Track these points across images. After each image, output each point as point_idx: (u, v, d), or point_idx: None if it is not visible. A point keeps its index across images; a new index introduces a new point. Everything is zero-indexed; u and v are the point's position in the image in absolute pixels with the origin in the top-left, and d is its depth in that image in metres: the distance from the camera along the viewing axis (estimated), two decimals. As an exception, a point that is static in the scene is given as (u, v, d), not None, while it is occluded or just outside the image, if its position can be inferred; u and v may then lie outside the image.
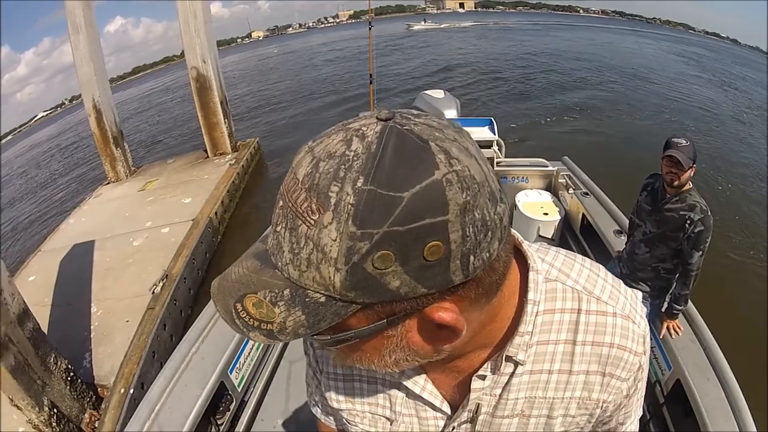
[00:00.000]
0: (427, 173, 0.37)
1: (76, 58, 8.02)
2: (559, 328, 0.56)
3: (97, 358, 4.16)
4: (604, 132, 11.01)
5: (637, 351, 0.56)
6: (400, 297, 0.39)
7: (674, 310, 2.29)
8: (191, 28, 8.30)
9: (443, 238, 0.37)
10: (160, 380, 2.08)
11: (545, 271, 0.57)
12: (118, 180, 9.00)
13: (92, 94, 8.31)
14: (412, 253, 0.37)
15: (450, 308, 0.43)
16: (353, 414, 0.68)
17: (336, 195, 0.36)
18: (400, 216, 0.36)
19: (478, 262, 0.40)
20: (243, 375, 2.48)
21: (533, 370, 0.56)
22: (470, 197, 0.38)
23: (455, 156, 0.38)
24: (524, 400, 0.58)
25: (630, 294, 0.60)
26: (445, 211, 0.37)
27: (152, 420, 1.93)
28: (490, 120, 4.93)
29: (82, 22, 7.73)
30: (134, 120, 21.95)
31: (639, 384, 0.60)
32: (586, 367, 0.56)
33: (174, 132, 16.93)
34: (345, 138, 0.40)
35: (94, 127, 8.55)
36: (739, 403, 1.86)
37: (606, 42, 34.47)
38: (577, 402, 0.58)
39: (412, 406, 0.63)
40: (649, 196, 2.39)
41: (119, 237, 6.34)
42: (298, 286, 0.40)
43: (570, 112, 12.70)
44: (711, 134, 11.05)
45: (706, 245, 2.15)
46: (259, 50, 61.62)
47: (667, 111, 12.95)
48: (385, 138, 0.38)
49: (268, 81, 25.98)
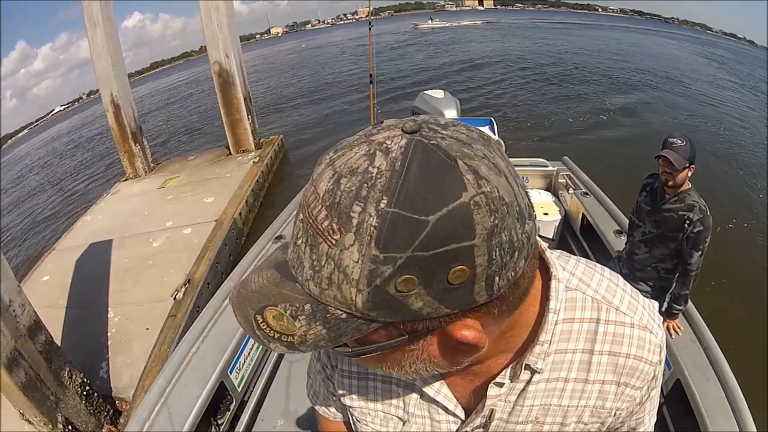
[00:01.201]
0: (454, 195, 0.35)
1: (93, 52, 7.86)
2: (578, 338, 0.56)
3: (115, 368, 3.92)
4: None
5: (652, 361, 0.57)
6: (423, 317, 0.39)
7: (674, 310, 2.29)
8: (213, 21, 8.01)
9: (469, 263, 0.36)
10: (160, 380, 2.09)
11: (566, 280, 0.56)
12: (136, 176, 8.80)
13: (110, 89, 8.13)
14: (437, 278, 0.36)
15: (472, 325, 0.42)
16: (365, 413, 0.67)
17: (358, 216, 0.35)
18: (425, 241, 0.35)
19: (503, 282, 0.39)
20: (243, 375, 2.48)
21: (550, 378, 0.56)
22: (498, 220, 0.37)
23: (484, 176, 0.37)
24: (539, 407, 0.58)
25: (648, 304, 0.60)
26: (471, 236, 0.35)
27: (152, 420, 1.93)
28: (490, 120, 4.87)
29: (99, 16, 7.57)
30: (154, 115, 22.03)
31: (653, 392, 0.60)
32: (603, 376, 0.56)
33: (193, 128, 16.85)
34: (368, 152, 0.38)
35: (112, 122, 8.37)
36: (739, 403, 1.86)
37: (633, 42, 34.16)
38: (591, 410, 0.58)
39: (425, 408, 0.62)
40: (648, 196, 2.39)
41: (138, 237, 6.07)
42: (319, 302, 0.39)
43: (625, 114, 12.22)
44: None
45: (706, 245, 2.15)
46: (288, 44, 62.18)
47: (715, 122, 12.32)
48: (410, 154, 0.36)
49: (292, 76, 25.98)
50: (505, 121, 11.32)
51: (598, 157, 8.32)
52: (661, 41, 37.65)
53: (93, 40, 7.73)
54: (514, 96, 14.81)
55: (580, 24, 58.87)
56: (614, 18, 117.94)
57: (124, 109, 8.26)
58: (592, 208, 3.62)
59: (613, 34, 42.75)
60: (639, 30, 52.30)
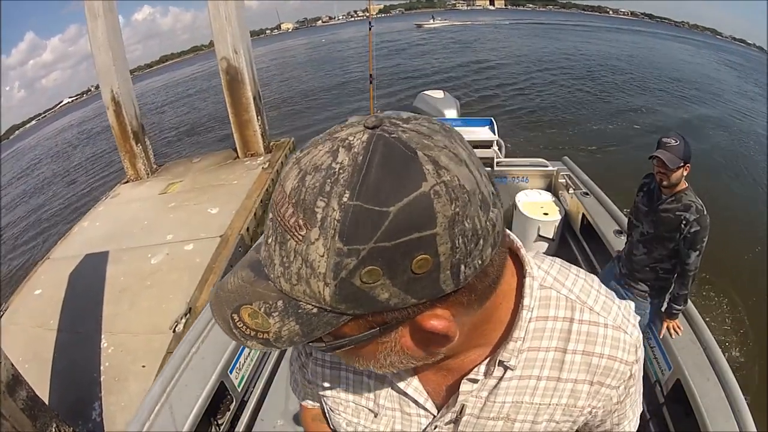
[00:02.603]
0: (414, 185, 0.36)
1: (93, 46, 7.32)
2: (551, 336, 0.56)
3: (109, 410, 3.54)
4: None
5: (627, 360, 0.57)
6: (390, 308, 0.39)
7: (674, 310, 2.29)
8: (221, 13, 7.39)
9: (432, 252, 0.37)
10: (160, 380, 2.09)
11: (541, 278, 0.57)
12: (138, 178, 8.23)
13: (111, 85, 7.57)
14: (400, 267, 0.37)
15: (442, 315, 0.43)
16: (337, 402, 0.68)
17: (322, 210, 0.36)
18: (387, 231, 0.35)
19: (470, 270, 0.40)
20: (243, 375, 2.48)
21: (522, 375, 0.57)
22: (459, 208, 0.37)
23: (444, 165, 0.37)
24: (511, 404, 0.58)
25: (624, 305, 0.61)
26: (433, 225, 0.36)
27: (152, 420, 1.93)
28: (490, 120, 4.82)
29: (101, 8, 7.04)
30: (159, 112, 21.68)
31: (631, 390, 0.61)
32: (576, 375, 0.57)
33: (200, 126, 16.50)
34: (331, 149, 0.39)
35: (113, 120, 7.81)
36: (739, 403, 1.86)
37: (650, 47, 34.18)
38: (562, 408, 0.58)
39: (396, 401, 0.63)
40: (645, 196, 2.39)
41: (136, 250, 5.53)
42: (291, 297, 0.40)
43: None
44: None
45: (703, 245, 2.13)
46: (300, 39, 62.40)
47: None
48: (371, 148, 0.37)
49: (306, 73, 25.72)
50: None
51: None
52: (676, 46, 37.46)
53: (93, 34, 7.19)
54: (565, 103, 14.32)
55: (594, 26, 58.45)
56: (626, 21, 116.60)
57: (125, 106, 7.71)
58: (592, 208, 3.66)
59: (631, 38, 42.49)
60: (655, 35, 52.14)
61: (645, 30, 60.39)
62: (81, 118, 33.07)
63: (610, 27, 61.02)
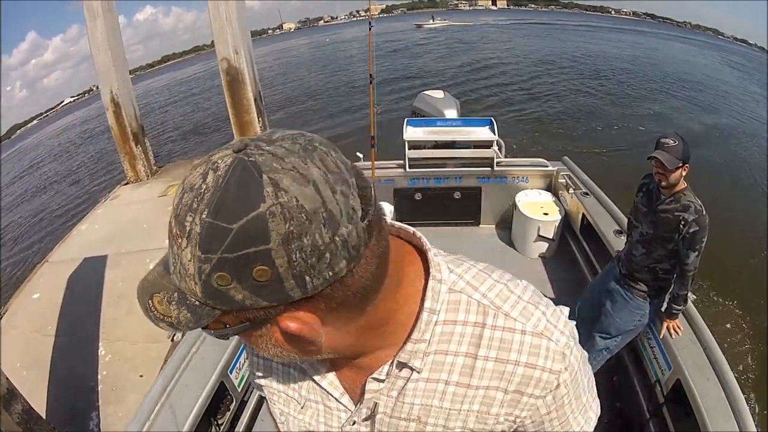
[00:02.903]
0: (254, 206, 0.39)
1: (92, 46, 7.28)
2: (460, 341, 0.56)
3: (107, 420, 3.53)
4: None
5: (552, 368, 0.55)
6: (247, 307, 0.44)
7: (673, 310, 2.29)
8: (222, 13, 7.31)
9: (269, 264, 0.40)
10: (160, 380, 2.10)
11: (451, 282, 0.57)
12: (138, 180, 8.20)
13: (110, 86, 7.53)
14: (243, 275, 0.41)
15: (302, 318, 0.46)
16: (271, 392, 0.71)
17: (190, 224, 0.41)
18: (230, 245, 0.39)
19: (318, 281, 0.42)
20: (243, 375, 2.47)
21: (430, 378, 0.57)
22: (294, 227, 0.40)
23: (284, 187, 0.40)
24: (420, 406, 0.58)
25: (551, 311, 0.59)
26: (267, 241, 0.39)
27: (152, 420, 1.93)
28: (490, 120, 4.81)
29: (99, 8, 6.99)
30: (162, 111, 21.64)
31: (565, 398, 0.58)
32: (487, 383, 0.56)
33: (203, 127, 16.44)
34: (204, 171, 0.42)
35: (112, 121, 7.78)
36: (739, 403, 1.86)
37: (654, 47, 34.08)
38: (475, 415, 0.58)
39: (319, 394, 0.64)
40: (644, 197, 2.39)
41: (134, 255, 5.51)
42: (181, 291, 0.45)
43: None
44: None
45: (702, 245, 2.12)
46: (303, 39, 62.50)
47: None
48: (230, 171, 0.41)
49: (309, 72, 25.70)
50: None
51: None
52: (678, 46, 37.33)
53: (93, 34, 7.15)
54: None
55: (596, 26, 58.32)
56: (628, 21, 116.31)
57: (124, 107, 7.67)
58: (592, 208, 3.65)
59: (633, 38, 42.41)
60: (657, 35, 52.12)
61: (647, 30, 60.50)
62: (83, 118, 33.11)
63: (613, 27, 61.07)
